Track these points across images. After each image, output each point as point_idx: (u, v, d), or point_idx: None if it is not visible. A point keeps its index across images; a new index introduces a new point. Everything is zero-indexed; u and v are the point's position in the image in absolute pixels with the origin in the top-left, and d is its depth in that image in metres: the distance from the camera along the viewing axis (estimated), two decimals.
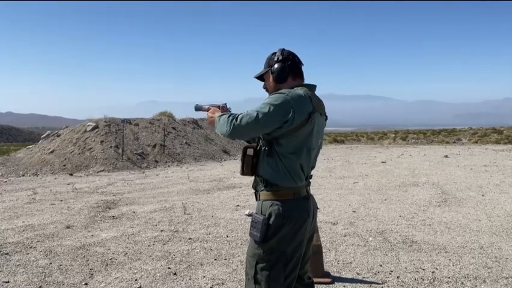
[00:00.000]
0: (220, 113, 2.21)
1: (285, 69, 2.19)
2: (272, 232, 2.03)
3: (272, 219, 2.03)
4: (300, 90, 2.09)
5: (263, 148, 2.11)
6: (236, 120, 2.02)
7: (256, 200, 2.17)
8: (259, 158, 2.13)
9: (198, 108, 2.55)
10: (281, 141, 2.05)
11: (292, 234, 2.05)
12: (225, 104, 2.43)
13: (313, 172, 2.26)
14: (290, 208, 2.06)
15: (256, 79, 2.38)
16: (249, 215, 2.01)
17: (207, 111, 2.38)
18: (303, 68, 2.27)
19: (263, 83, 2.34)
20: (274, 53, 2.25)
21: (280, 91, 2.08)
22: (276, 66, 2.20)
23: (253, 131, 2.04)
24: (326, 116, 2.29)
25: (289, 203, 2.06)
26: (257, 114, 1.99)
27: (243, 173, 2.17)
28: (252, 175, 2.16)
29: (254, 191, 2.19)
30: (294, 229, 2.05)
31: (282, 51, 2.23)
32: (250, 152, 2.14)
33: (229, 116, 2.07)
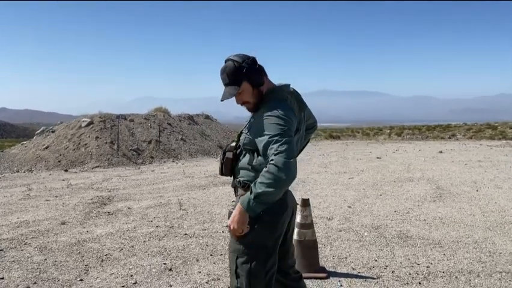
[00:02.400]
0: (248, 196, 1.91)
1: (260, 71, 2.12)
2: (250, 226, 2.01)
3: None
4: (284, 103, 2.04)
5: (244, 153, 2.10)
6: (287, 160, 1.83)
7: (236, 196, 2.20)
8: (237, 162, 2.13)
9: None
10: None
11: (270, 227, 2.04)
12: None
13: (309, 168, 2.26)
14: None
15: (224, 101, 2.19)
16: (230, 211, 1.98)
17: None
18: (298, 66, 2.20)
19: (238, 102, 2.16)
20: (235, 66, 2.06)
21: (272, 111, 1.98)
22: (251, 71, 2.08)
23: (295, 152, 1.94)
24: (305, 105, 2.22)
25: None
26: (290, 145, 1.87)
27: (222, 173, 2.19)
28: (230, 176, 2.18)
29: (233, 188, 2.22)
30: (272, 222, 2.04)
31: (244, 58, 2.09)
32: (229, 155, 2.15)
33: (275, 167, 1.83)
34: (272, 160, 1.84)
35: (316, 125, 2.48)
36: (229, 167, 2.16)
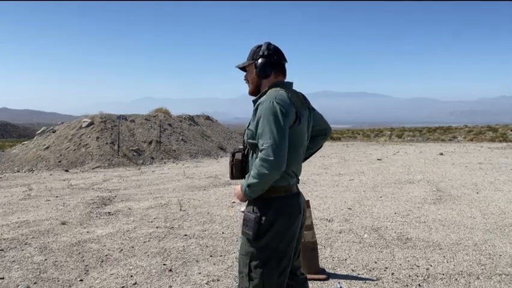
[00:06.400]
0: (244, 182, 2.03)
1: (269, 65, 2.15)
2: (265, 229, 2.03)
3: (264, 216, 2.03)
4: (282, 92, 2.05)
5: (252, 152, 2.08)
6: (273, 150, 1.89)
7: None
8: (247, 162, 2.11)
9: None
10: None
11: (284, 230, 2.05)
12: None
13: (309, 169, 2.26)
14: (282, 204, 2.06)
15: (239, 69, 2.32)
16: (244, 214, 2.01)
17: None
18: (299, 66, 2.22)
19: (244, 73, 2.29)
20: (260, 46, 2.20)
21: (268, 100, 2.01)
22: (260, 60, 2.16)
23: (286, 146, 1.95)
24: (310, 109, 2.25)
25: (281, 200, 2.07)
26: (277, 134, 1.91)
27: (233, 177, 2.16)
28: (241, 178, 2.15)
29: None
30: (286, 225, 2.06)
31: (268, 45, 2.19)
32: (238, 156, 2.13)
33: (262, 158, 1.90)
34: (260, 153, 1.93)
35: (328, 132, 2.46)
36: (239, 169, 2.13)
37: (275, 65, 2.17)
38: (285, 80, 2.23)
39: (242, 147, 2.17)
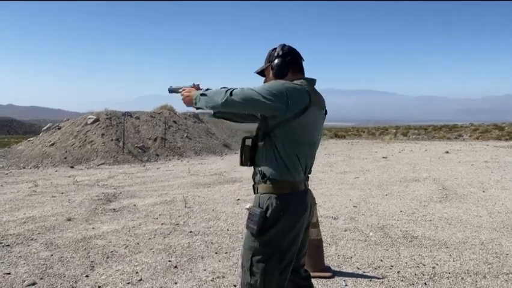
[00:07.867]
0: (200, 91, 2.20)
1: (285, 65, 2.18)
2: (269, 225, 2.03)
3: (269, 212, 2.04)
4: (298, 83, 2.09)
5: (261, 139, 2.10)
6: (230, 95, 2.03)
7: (255, 193, 2.17)
8: (257, 149, 2.13)
9: (171, 90, 2.51)
10: (277, 133, 2.04)
11: (289, 227, 2.06)
12: (198, 84, 2.39)
13: (314, 167, 2.26)
14: (288, 201, 2.07)
15: (257, 74, 2.37)
16: (250, 208, 2.05)
17: (182, 91, 2.35)
18: (304, 64, 2.26)
19: (264, 78, 2.33)
20: (275, 49, 2.24)
21: (280, 80, 2.11)
22: (276, 61, 2.20)
23: (243, 107, 2.06)
24: (326, 111, 2.28)
25: (287, 197, 2.07)
26: (252, 93, 2.00)
27: (242, 163, 2.19)
28: (250, 166, 2.17)
29: (253, 183, 2.20)
30: (291, 222, 2.06)
31: (283, 46, 2.23)
32: (248, 142, 2.15)
33: (226, 90, 2.07)
34: (235, 89, 2.05)
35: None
36: (248, 156, 2.15)
37: (291, 64, 2.20)
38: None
39: (255, 134, 2.19)
